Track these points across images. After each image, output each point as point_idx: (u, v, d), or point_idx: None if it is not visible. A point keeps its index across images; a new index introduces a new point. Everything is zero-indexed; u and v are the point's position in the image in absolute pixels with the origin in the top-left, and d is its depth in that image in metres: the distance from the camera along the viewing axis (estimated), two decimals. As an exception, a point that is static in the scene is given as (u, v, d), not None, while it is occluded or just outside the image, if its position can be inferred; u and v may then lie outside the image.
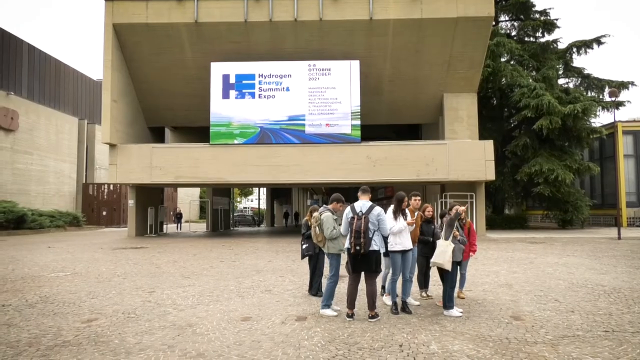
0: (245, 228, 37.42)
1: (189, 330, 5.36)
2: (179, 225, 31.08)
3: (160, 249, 16.59)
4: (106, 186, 37.68)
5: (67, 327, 5.54)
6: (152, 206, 25.45)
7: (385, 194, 31.30)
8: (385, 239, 6.01)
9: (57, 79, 35.94)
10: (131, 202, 24.08)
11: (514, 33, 30.00)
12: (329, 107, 21.54)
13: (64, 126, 36.10)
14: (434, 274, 7.28)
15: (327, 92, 21.57)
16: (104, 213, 37.63)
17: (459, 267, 6.54)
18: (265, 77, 21.87)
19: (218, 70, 21.96)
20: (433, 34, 20.90)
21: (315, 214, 6.48)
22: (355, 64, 21.40)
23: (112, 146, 21.79)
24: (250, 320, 5.85)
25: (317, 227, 6.30)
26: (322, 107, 21.61)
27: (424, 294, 7.26)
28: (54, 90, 35.52)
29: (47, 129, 33.98)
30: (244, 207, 67.69)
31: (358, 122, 21.38)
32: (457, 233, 6.18)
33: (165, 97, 23.98)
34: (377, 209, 5.88)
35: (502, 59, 26.96)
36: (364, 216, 5.76)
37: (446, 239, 6.14)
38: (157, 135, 26.93)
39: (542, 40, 29.01)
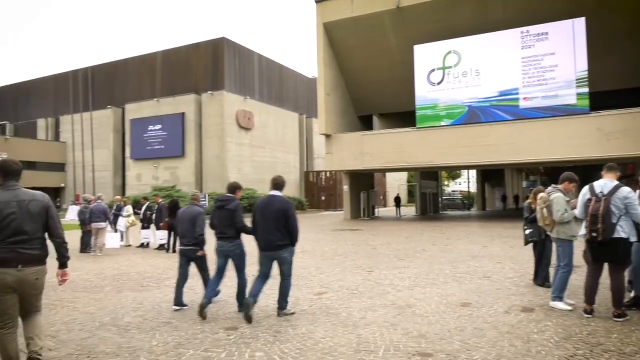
0: (455, 212, 36.48)
1: (409, 311, 5.48)
2: (398, 209, 31.21)
3: (374, 231, 17.45)
4: (324, 173, 41.45)
5: (302, 298, 6.29)
6: (364, 191, 26.93)
7: (625, 172, 26.36)
8: (637, 225, 5.00)
9: (280, 80, 41.02)
10: (345, 187, 25.95)
11: None
12: (547, 76, 19.17)
13: (287, 121, 41.06)
14: None
15: (544, 60, 19.23)
16: (323, 198, 41.52)
17: None
18: (471, 53, 20.72)
19: (422, 52, 21.74)
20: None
21: (543, 194, 5.83)
22: (580, 22, 18.44)
23: (327, 136, 23.78)
24: (470, 306, 5.66)
25: (544, 209, 5.67)
26: (538, 77, 19.39)
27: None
28: (278, 91, 40.65)
29: (275, 126, 39.18)
30: (452, 191, 65.94)
31: (585, 89, 18.49)
32: None
33: (371, 86, 24.94)
34: (624, 190, 4.92)
35: None
36: (604, 198, 4.92)
37: None
38: (365, 123, 28.26)
39: None
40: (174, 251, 11.61)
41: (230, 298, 6.36)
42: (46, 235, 3.60)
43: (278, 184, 5.46)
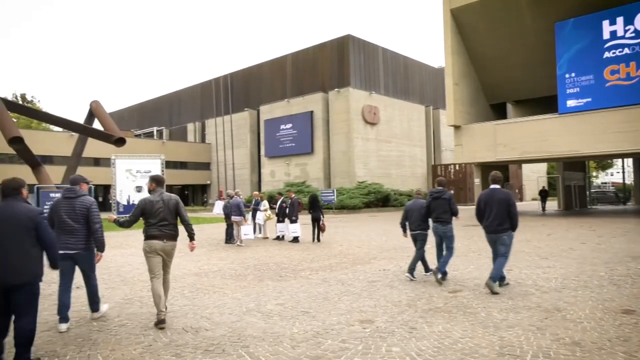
0: (606, 207, 32.32)
1: (558, 315, 5.00)
2: (544, 203, 28.06)
3: (510, 227, 16.26)
4: (452, 166, 39.84)
5: (436, 295, 6.12)
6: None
7: None
8: None
9: (405, 73, 40.37)
10: (477, 181, 24.62)
11: None
12: None
13: (413, 114, 40.24)
14: None
15: None
16: (452, 192, 39.79)
17: None
18: (629, 22, 18.08)
19: (564, 29, 19.61)
20: None
21: None
22: None
23: (456, 128, 22.78)
24: (635, 314, 4.96)
25: None
26: None
27: None
28: (404, 83, 40.04)
29: (400, 119, 38.70)
30: (603, 183, 58.52)
31: None
32: None
33: (504, 71, 23.26)
34: None
35: None
36: None
37: None
38: (498, 112, 26.46)
39: None
40: (318, 240, 12.95)
41: (375, 294, 6.47)
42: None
43: (496, 179, 6.58)
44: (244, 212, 12.97)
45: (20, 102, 51.31)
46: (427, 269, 7.48)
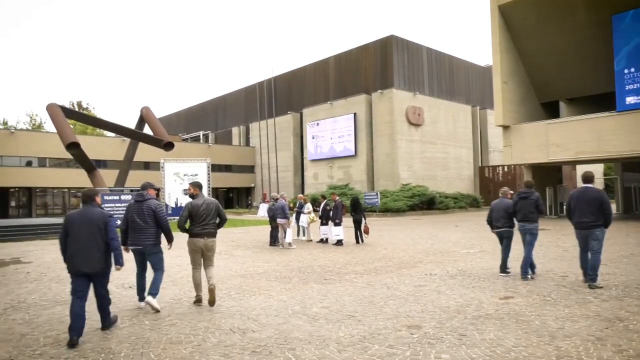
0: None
1: (619, 325, 4.70)
2: None
3: (564, 231, 15.61)
4: (500, 168, 38.57)
5: (486, 301, 5.91)
6: (549, 186, 24.24)
7: None
8: None
9: (450, 73, 39.48)
10: (527, 183, 23.70)
11: None
12: None
13: (459, 115, 39.29)
14: None
15: None
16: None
17: None
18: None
19: (623, 21, 18.56)
20: None
21: None
22: None
23: (505, 128, 22.05)
24: None
25: None
26: None
27: None
28: (449, 83, 39.17)
29: (445, 120, 37.89)
30: (666, 184, 54.79)
31: None
32: None
33: (556, 68, 22.29)
34: None
35: None
36: None
37: None
38: (549, 111, 25.35)
39: None
40: (362, 241, 13.24)
41: (422, 299, 6.36)
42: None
43: (587, 178, 6.93)
44: (288, 214, 13.05)
45: (77, 110, 54.16)
46: (504, 268, 7.83)
